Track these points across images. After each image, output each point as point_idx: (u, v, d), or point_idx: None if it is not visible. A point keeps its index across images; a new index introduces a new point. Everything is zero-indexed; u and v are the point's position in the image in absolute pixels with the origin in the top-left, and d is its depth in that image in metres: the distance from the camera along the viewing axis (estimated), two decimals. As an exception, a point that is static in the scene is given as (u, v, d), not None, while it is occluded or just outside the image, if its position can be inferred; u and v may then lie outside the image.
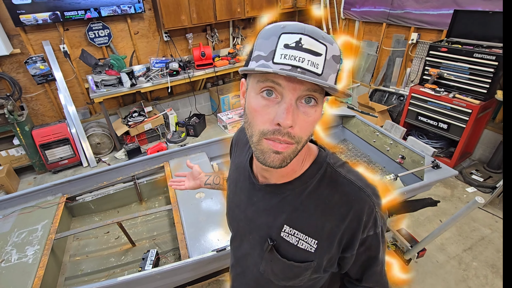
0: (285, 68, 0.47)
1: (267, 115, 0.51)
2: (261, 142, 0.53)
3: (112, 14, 3.45)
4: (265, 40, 0.50)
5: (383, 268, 0.70)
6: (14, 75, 3.34)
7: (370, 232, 0.62)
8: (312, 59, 0.47)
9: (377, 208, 0.62)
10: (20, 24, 3.06)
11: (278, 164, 0.53)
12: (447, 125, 3.01)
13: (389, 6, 3.83)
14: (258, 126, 0.52)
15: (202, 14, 3.80)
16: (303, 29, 0.48)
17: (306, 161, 0.64)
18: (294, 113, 0.49)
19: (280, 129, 0.49)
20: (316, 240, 0.63)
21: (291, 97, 0.49)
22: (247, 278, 0.79)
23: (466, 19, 2.94)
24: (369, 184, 0.63)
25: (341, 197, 0.61)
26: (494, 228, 2.49)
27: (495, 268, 2.17)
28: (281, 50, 0.48)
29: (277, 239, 0.66)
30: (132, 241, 2.01)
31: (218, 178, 1.10)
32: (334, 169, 0.63)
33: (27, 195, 2.03)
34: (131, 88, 3.48)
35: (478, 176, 2.96)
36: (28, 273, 1.57)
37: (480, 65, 2.69)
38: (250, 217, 0.71)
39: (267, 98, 0.51)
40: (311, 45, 0.47)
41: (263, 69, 0.47)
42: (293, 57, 0.47)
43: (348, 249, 0.63)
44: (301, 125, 0.51)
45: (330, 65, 0.49)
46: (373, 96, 4.28)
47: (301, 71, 0.47)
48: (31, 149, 3.31)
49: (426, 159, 2.01)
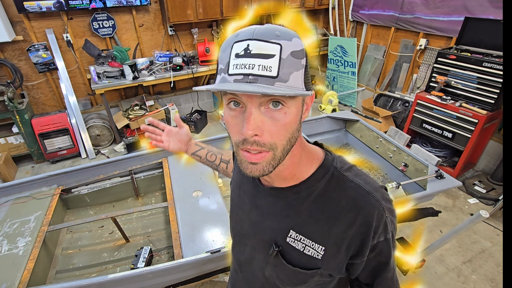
0: (237, 78, 0.47)
1: (236, 126, 0.51)
2: (238, 152, 0.53)
3: (117, 5, 3.41)
4: (223, 53, 0.50)
5: (394, 274, 0.67)
6: (16, 62, 3.30)
7: (381, 238, 0.59)
8: (263, 63, 0.46)
9: (387, 212, 0.59)
10: (24, 11, 3.02)
11: (257, 174, 0.53)
12: (452, 134, 2.96)
13: (398, 10, 3.77)
14: (233, 137, 0.53)
15: (208, 9, 3.75)
16: (251, 34, 0.47)
17: (309, 165, 0.62)
18: (257, 120, 0.48)
19: (247, 139, 0.49)
20: (323, 246, 0.61)
21: (250, 106, 0.48)
22: (251, 282, 0.77)
23: (477, 27, 2.88)
24: (379, 187, 0.60)
25: (348, 202, 0.58)
26: (495, 241, 2.44)
27: (494, 283, 2.13)
28: (233, 60, 0.48)
29: (282, 245, 0.64)
30: (126, 237, 1.98)
31: (214, 155, 1.00)
32: (341, 173, 0.61)
33: (21, 185, 1.99)
34: (133, 81, 3.45)
35: (481, 187, 2.92)
36: (17, 265, 1.54)
37: (489, 75, 2.64)
38: (254, 220, 0.70)
39: (234, 109, 0.51)
40: (260, 49, 0.46)
41: (203, 87, 0.47)
42: (243, 66, 0.46)
43: (358, 255, 0.61)
44: (270, 130, 0.49)
45: (289, 63, 0.47)
46: (377, 101, 4.22)
47: (253, 78, 0.46)
48: (30, 137, 3.28)
49: (430, 168, 1.97)
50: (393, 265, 0.66)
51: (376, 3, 4.06)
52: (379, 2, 4.00)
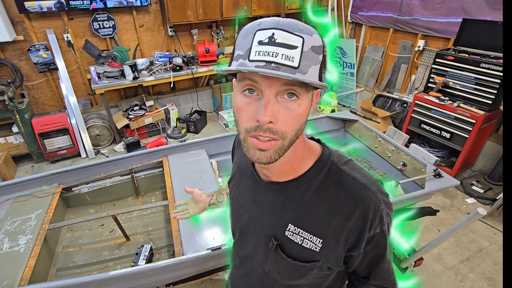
0: (259, 64, 0.47)
1: (249, 112, 0.52)
2: (246, 139, 0.54)
3: (118, 5, 3.42)
4: (243, 39, 0.51)
5: (390, 266, 0.69)
6: (16, 62, 3.31)
7: (377, 230, 0.61)
8: (286, 53, 0.47)
9: (383, 205, 0.61)
10: (25, 11, 3.03)
11: (264, 161, 0.54)
12: (450, 134, 2.99)
13: (397, 11, 3.80)
14: (243, 123, 0.53)
15: (208, 10, 3.77)
16: (276, 24, 0.49)
17: (308, 159, 0.64)
18: (274, 108, 0.49)
19: (261, 125, 0.50)
20: (321, 239, 0.62)
21: (269, 93, 0.49)
22: (252, 279, 0.79)
23: (475, 28, 2.91)
24: (375, 181, 0.62)
25: (346, 195, 0.60)
26: (493, 240, 2.46)
27: (491, 281, 2.14)
28: (255, 47, 0.49)
29: (281, 239, 0.66)
30: (127, 235, 1.99)
31: (221, 195, 1.07)
32: (338, 167, 0.63)
33: (22, 183, 2.00)
34: (133, 81, 3.46)
35: (478, 187, 2.94)
36: (19, 262, 1.54)
37: (486, 76, 2.67)
38: (254, 216, 0.71)
39: (248, 96, 0.52)
40: (284, 39, 0.48)
41: (230, 68, 0.49)
42: (267, 53, 0.47)
43: (355, 247, 0.62)
44: (284, 120, 0.51)
45: (309, 56, 0.49)
46: (376, 102, 4.25)
47: (275, 66, 0.47)
48: (30, 137, 3.29)
49: (428, 168, 1.99)
50: (390, 257, 0.68)
51: (374, 5, 4.09)
52: (378, 3, 4.04)
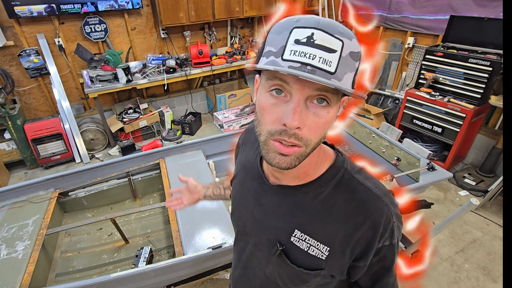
0: (293, 65, 0.44)
1: (275, 114, 0.49)
2: (268, 142, 0.51)
3: (109, 9, 3.41)
4: (277, 35, 0.48)
5: (395, 280, 0.67)
6: (7, 67, 3.27)
7: (386, 242, 0.60)
8: (324, 56, 0.44)
9: (394, 218, 0.59)
10: (14, 16, 3.00)
11: (284, 166, 0.51)
12: (441, 128, 3.05)
13: (386, 10, 3.87)
14: (266, 125, 0.50)
15: (200, 12, 3.78)
16: (317, 23, 0.45)
17: (321, 165, 0.62)
18: (302, 113, 0.47)
19: (287, 129, 0.47)
20: (328, 247, 0.60)
21: (300, 97, 0.46)
22: (252, 280, 0.77)
23: (462, 25, 2.98)
24: (387, 192, 0.61)
25: (358, 205, 0.58)
26: (486, 231, 2.53)
27: (486, 270, 2.20)
28: (291, 46, 0.45)
29: (286, 244, 0.63)
30: (126, 238, 1.98)
31: (217, 188, 1.05)
32: (351, 175, 0.60)
33: (18, 189, 1.98)
34: (127, 84, 3.45)
35: (470, 180, 3.01)
36: (17, 268, 1.53)
37: (474, 71, 2.74)
38: (258, 218, 0.69)
39: (276, 97, 0.49)
40: (324, 41, 0.44)
41: (266, 66, 0.45)
42: (303, 54, 0.44)
43: (362, 258, 0.60)
44: (311, 126, 0.48)
45: (347, 62, 0.46)
46: (368, 99, 4.31)
47: (311, 69, 0.44)
48: (22, 143, 3.24)
49: (422, 161, 2.03)
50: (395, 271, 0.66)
51: (365, 4, 4.15)
52: (368, 2, 4.10)
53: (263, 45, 0.51)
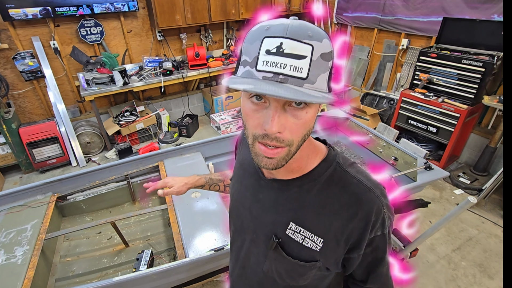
0: (267, 75, 0.46)
1: (257, 120, 0.51)
2: (254, 144, 0.53)
3: (105, 11, 3.40)
4: (250, 45, 0.49)
5: (388, 270, 0.69)
6: (1, 71, 3.23)
7: (378, 233, 0.62)
8: (295, 64, 0.46)
9: (385, 208, 0.61)
10: (9, 19, 2.97)
11: (271, 167, 0.54)
12: (436, 128, 3.10)
13: (380, 12, 3.92)
14: (251, 129, 0.53)
15: (196, 14, 3.79)
16: (285, 31, 0.46)
17: (314, 158, 0.64)
18: (281, 118, 0.49)
19: (269, 134, 0.50)
20: (323, 238, 0.62)
21: (276, 104, 0.48)
22: (250, 278, 0.78)
23: (455, 26, 3.04)
24: (378, 184, 0.63)
25: (350, 197, 0.60)
26: (481, 229, 2.57)
27: (482, 268, 2.24)
28: (263, 56, 0.47)
29: (282, 237, 0.65)
30: (126, 241, 1.97)
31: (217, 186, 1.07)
32: (343, 169, 0.63)
33: (15, 194, 1.96)
34: (123, 87, 3.43)
35: (465, 178, 3.06)
36: (17, 274, 1.52)
37: (467, 71, 2.79)
38: (255, 214, 0.70)
39: (256, 103, 0.51)
40: (293, 49, 0.46)
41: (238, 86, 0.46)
42: (275, 64, 0.46)
43: (355, 249, 0.63)
44: (291, 128, 0.50)
45: (318, 65, 0.48)
46: (364, 100, 4.36)
47: (283, 78, 0.46)
48: (17, 147, 3.20)
49: (419, 161, 2.06)
50: (388, 261, 0.68)
51: (359, 6, 4.21)
52: (362, 4, 4.15)
53: (240, 54, 0.52)
